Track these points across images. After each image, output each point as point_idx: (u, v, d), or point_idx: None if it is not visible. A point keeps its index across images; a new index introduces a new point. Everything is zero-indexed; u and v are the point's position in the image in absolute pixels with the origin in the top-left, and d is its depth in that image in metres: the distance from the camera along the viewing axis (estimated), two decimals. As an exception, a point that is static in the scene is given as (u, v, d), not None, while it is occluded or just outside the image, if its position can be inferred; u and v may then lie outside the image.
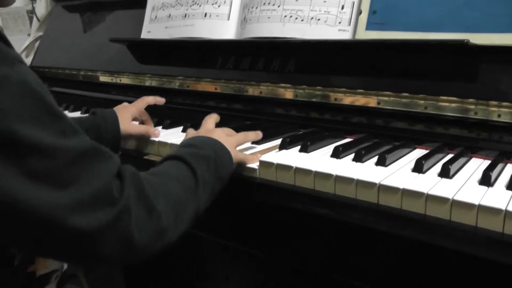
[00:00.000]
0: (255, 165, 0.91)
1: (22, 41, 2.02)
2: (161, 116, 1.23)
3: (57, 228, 0.56)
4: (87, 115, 1.10)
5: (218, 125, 1.09)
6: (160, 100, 1.19)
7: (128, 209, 0.62)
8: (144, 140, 1.11)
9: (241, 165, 0.92)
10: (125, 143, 1.12)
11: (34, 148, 0.55)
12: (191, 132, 0.98)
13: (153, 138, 1.09)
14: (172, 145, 1.04)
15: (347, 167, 0.84)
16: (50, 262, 0.80)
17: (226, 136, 0.90)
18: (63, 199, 0.56)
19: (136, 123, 1.17)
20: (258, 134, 1.00)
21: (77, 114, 1.48)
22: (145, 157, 1.09)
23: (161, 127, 1.19)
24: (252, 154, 0.94)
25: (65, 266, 0.87)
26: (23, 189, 0.54)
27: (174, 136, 1.10)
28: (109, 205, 0.60)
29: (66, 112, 1.52)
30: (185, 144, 0.85)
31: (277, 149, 0.97)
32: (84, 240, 0.59)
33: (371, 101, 1.05)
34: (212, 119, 1.00)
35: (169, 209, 0.68)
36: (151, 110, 1.34)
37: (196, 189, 0.75)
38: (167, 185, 0.71)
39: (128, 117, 1.10)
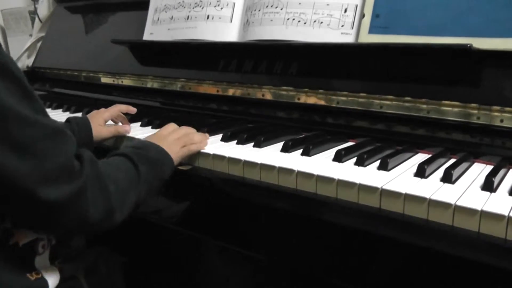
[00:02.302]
0: (257, 168, 0.90)
1: (24, 42, 2.01)
2: (163, 119, 1.23)
3: (26, 195, 0.66)
4: (63, 122, 1.16)
5: (217, 127, 1.10)
6: (131, 110, 1.26)
7: (86, 185, 0.72)
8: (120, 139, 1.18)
9: (244, 168, 0.92)
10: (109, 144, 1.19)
11: (12, 117, 0.63)
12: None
13: (128, 135, 1.16)
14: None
15: (349, 171, 0.84)
16: (29, 231, 0.82)
17: (170, 141, 0.99)
18: (35, 170, 0.66)
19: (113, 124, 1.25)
20: (206, 136, 1.07)
21: (78, 115, 1.48)
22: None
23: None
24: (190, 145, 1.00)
25: (53, 239, 0.87)
26: (3, 155, 0.63)
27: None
28: (71, 179, 0.70)
29: (67, 113, 1.52)
30: (131, 145, 0.96)
31: (278, 152, 0.97)
32: (48, 208, 0.69)
33: (373, 105, 1.05)
34: (170, 125, 1.07)
35: (117, 194, 0.79)
36: (152, 112, 1.34)
37: (138, 182, 0.85)
38: (116, 173, 0.82)
39: (100, 121, 1.17)
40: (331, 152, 0.95)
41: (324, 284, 0.98)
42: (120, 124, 1.24)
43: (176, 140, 1.00)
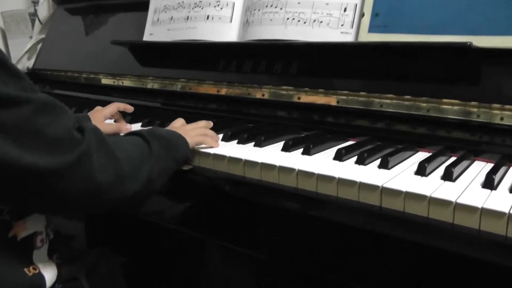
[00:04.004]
0: (257, 167, 0.90)
1: (24, 44, 2.01)
2: (164, 120, 1.23)
3: (27, 171, 0.65)
4: None
5: (217, 127, 1.10)
6: (129, 108, 1.29)
7: (89, 152, 0.72)
8: None
9: (245, 167, 0.92)
10: None
11: (1, 101, 0.63)
12: None
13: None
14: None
15: (349, 170, 0.84)
16: (28, 223, 0.81)
17: (187, 129, 1.02)
18: (30, 145, 0.65)
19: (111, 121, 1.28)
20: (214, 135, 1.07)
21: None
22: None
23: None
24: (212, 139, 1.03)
25: (50, 233, 0.88)
26: None
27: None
28: (71, 148, 0.69)
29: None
30: (144, 128, 0.97)
31: (279, 152, 0.97)
32: (51, 178, 0.68)
33: (374, 104, 1.05)
34: (180, 119, 1.10)
35: (128, 161, 0.79)
36: (153, 112, 1.35)
37: (150, 156, 0.84)
38: (125, 145, 0.82)
39: (101, 118, 1.20)
40: (332, 151, 0.96)
41: (325, 283, 0.98)
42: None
43: (190, 129, 1.02)
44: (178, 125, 1.07)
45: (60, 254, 0.89)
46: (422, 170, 0.82)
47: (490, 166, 0.86)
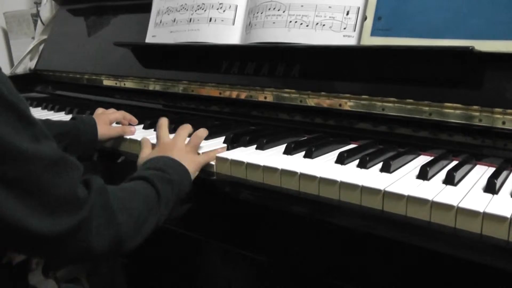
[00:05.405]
0: (259, 170, 0.91)
1: (26, 44, 2.02)
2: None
3: (21, 231, 0.61)
4: (69, 119, 1.19)
5: (219, 130, 1.10)
6: (134, 120, 1.28)
7: (90, 217, 0.67)
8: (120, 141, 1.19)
9: (247, 170, 0.92)
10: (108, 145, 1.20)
11: (7, 152, 0.58)
12: (148, 146, 1.04)
13: (129, 136, 1.17)
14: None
15: (351, 174, 0.84)
16: None
17: (185, 152, 0.97)
18: (30, 205, 0.60)
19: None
20: (205, 131, 1.05)
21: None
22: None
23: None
24: (209, 152, 1.00)
25: None
26: None
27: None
28: (72, 212, 0.65)
29: (70, 116, 1.53)
30: (152, 167, 0.89)
31: (280, 154, 0.98)
32: (47, 243, 0.64)
33: (376, 107, 1.05)
34: (164, 127, 1.04)
35: (130, 223, 0.74)
36: (154, 114, 1.34)
37: (158, 208, 0.82)
38: (132, 201, 0.77)
39: (106, 121, 1.19)
40: (334, 154, 0.95)
41: (327, 286, 0.98)
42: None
43: (186, 146, 0.98)
44: (167, 139, 1.02)
45: (55, 270, 0.89)
46: (424, 174, 0.82)
47: (491, 170, 0.86)
